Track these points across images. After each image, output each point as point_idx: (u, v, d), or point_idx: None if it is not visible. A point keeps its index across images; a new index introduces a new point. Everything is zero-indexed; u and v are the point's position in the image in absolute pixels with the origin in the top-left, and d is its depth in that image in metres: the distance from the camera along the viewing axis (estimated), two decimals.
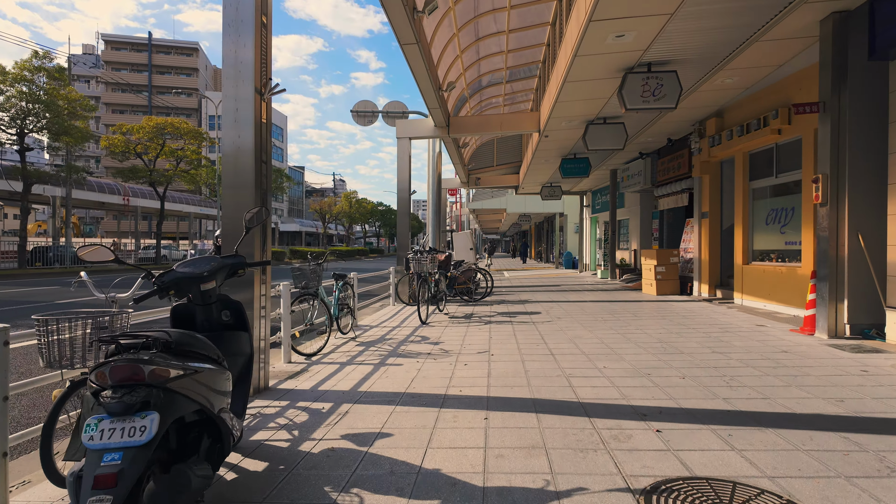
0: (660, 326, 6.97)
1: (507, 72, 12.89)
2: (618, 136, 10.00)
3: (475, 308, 9.63)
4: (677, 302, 9.86)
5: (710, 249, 10.31)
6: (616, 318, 7.90)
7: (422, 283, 8.04)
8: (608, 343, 5.82)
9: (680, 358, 4.99)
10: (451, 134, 11.15)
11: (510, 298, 11.26)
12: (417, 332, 7.01)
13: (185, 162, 28.49)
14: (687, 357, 5.03)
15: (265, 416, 3.51)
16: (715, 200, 10.29)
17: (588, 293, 12.10)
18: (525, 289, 13.78)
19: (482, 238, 77.71)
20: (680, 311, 8.62)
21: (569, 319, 7.82)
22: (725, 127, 9.54)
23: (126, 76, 75.45)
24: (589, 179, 19.11)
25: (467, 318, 8.35)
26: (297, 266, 5.72)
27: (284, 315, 5.27)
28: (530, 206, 29.11)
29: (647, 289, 11.59)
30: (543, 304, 10.04)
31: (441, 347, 5.80)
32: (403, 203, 11.13)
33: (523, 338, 6.25)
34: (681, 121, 10.26)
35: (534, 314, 8.54)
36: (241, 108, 4.05)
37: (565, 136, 11.16)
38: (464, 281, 10.70)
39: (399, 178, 11.17)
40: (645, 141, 12.11)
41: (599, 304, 9.69)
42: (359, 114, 17.36)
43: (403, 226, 11.23)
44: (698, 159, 10.36)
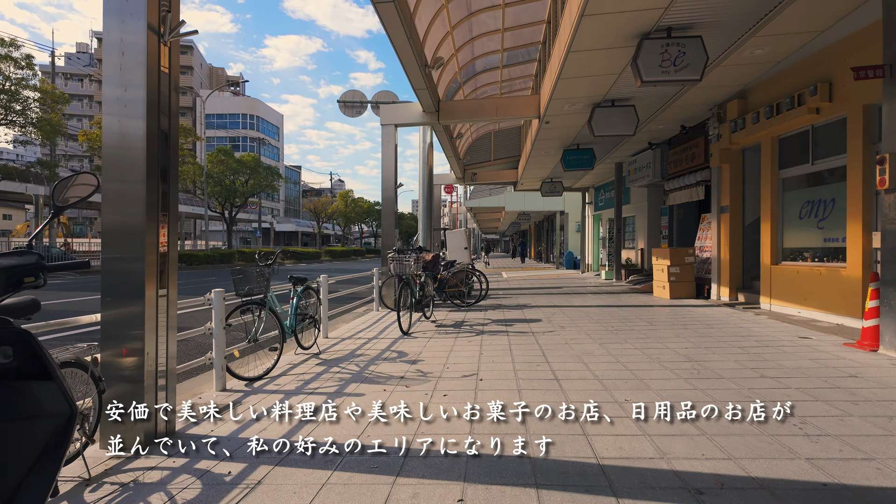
0: (683, 339, 5.86)
1: (504, 55, 11.79)
2: (628, 120, 8.89)
3: (467, 314, 8.52)
4: (695, 307, 8.75)
5: (730, 248, 9.20)
6: (629, 327, 6.79)
7: (403, 288, 6.93)
8: (625, 362, 4.71)
9: (721, 385, 3.88)
10: (441, 121, 10.04)
11: (507, 303, 10.15)
12: (396, 345, 5.90)
13: None
14: (729, 384, 3.92)
15: (135, 491, 2.39)
16: (736, 193, 9.18)
17: (593, 296, 10.99)
18: (524, 291, 12.68)
19: (480, 238, 76.68)
20: (701, 318, 7.51)
21: (574, 329, 6.71)
22: (750, 109, 8.43)
23: None
24: (592, 175, 18.00)
25: (457, 326, 7.24)
26: (239, 269, 4.61)
27: (216, 330, 4.16)
28: (530, 203, 28.02)
29: (658, 291, 10.49)
30: (544, 309, 8.93)
31: (419, 367, 4.69)
32: (389, 198, 10.03)
33: (521, 354, 5.14)
34: (698, 104, 9.15)
35: (533, 322, 7.43)
36: (128, 54, 2.94)
37: (568, 122, 10.06)
38: (455, 284, 9.59)
39: (384, 170, 10.07)
40: (655, 129, 11.01)
41: (607, 310, 8.58)
42: (346, 104, 16.29)
43: (389, 223, 10.11)
44: (717, 147, 9.25)
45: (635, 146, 12.84)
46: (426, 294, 7.76)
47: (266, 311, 4.71)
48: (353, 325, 7.83)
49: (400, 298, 6.68)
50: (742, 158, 9.17)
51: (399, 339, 6.37)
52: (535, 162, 14.61)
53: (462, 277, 9.61)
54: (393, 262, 6.99)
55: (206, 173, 29.75)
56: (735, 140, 8.75)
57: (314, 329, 5.73)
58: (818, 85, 6.69)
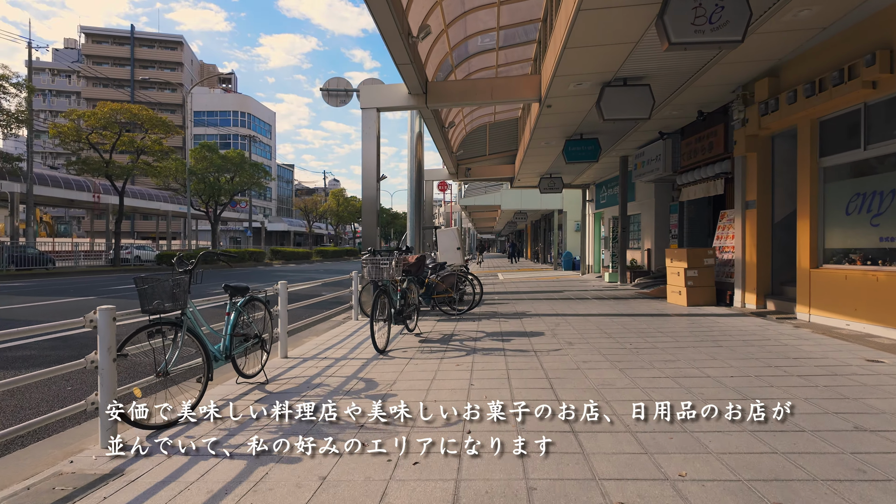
0: (722, 362, 4.72)
1: (501, 35, 10.64)
2: (642, 102, 7.76)
3: (458, 325, 7.36)
4: (720, 317, 7.63)
5: (758, 248, 8.08)
6: (650, 344, 5.64)
7: (379, 296, 5.76)
8: (661, 402, 3.57)
9: (811, 446, 2.74)
10: (429, 104, 8.87)
11: (504, 310, 9.00)
12: (367, 370, 4.74)
13: (148, 153, 25.90)
14: (822, 443, 2.77)
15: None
16: (765, 185, 8.06)
17: (599, 302, 9.85)
18: (522, 296, 11.53)
19: (476, 238, 75.64)
20: (732, 331, 6.37)
21: (584, 346, 5.56)
22: (783, 88, 7.31)
23: (107, 70, 72.85)
24: (594, 170, 16.89)
25: (444, 342, 6.09)
26: (145, 277, 3.43)
27: (103, 364, 2.99)
28: (527, 202, 26.89)
29: (673, 297, 9.36)
30: (546, 318, 7.79)
31: (387, 408, 3.53)
32: (370, 194, 8.84)
33: (522, 385, 3.98)
34: (720, 84, 8.03)
35: (535, 336, 6.28)
36: None
37: (573, 105, 8.91)
38: (445, 289, 8.43)
39: (364, 161, 8.89)
40: (669, 116, 9.88)
41: (619, 320, 7.44)
42: (330, 93, 15.11)
43: (370, 221, 8.92)
44: (742, 134, 8.12)
45: (643, 136, 11.72)
46: (409, 303, 6.60)
47: (184, 332, 3.53)
48: (324, 338, 6.68)
49: (375, 310, 5.51)
50: (771, 146, 8.05)
51: (373, 360, 5.21)
52: (533, 154, 13.46)
53: (453, 282, 8.45)
54: (367, 266, 5.82)
55: (189, 170, 28.38)
56: (765, 125, 7.63)
57: (261, 352, 4.56)
58: (877, 52, 5.57)
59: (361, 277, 8.13)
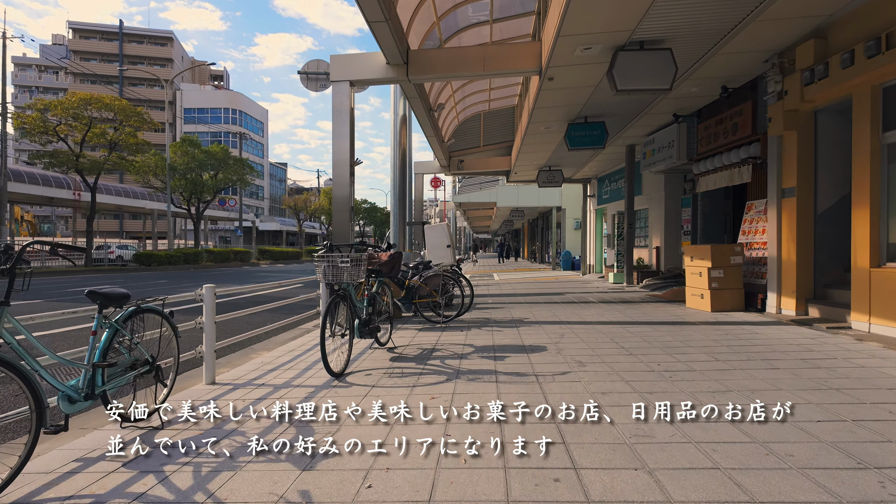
0: (790, 393, 3.47)
1: (495, 4, 9.37)
2: (662, 69, 6.51)
3: (442, 336, 6.10)
4: (755, 326, 6.39)
5: (797, 244, 6.84)
6: (685, 364, 4.39)
7: (336, 304, 4.48)
8: (723, 461, 2.31)
9: None
10: (412, 76, 7.60)
11: (498, 316, 7.74)
12: (307, 405, 3.46)
13: (123, 147, 24.43)
14: None
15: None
16: (806, 170, 6.83)
17: (607, 307, 8.60)
18: (518, 298, 10.28)
19: (472, 237, 74.39)
20: (779, 346, 5.13)
21: (599, 368, 4.30)
22: (835, 50, 6.08)
23: (95, 66, 71.32)
24: (595, 163, 15.67)
25: (422, 360, 4.82)
26: None
27: None
28: (524, 198, 25.67)
29: (694, 301, 8.11)
30: (547, 327, 6.53)
31: (314, 489, 2.27)
32: (341, 179, 7.55)
33: (520, 446, 2.71)
34: (753, 49, 6.79)
35: (535, 351, 5.02)
36: None
37: (578, 77, 7.66)
38: (429, 292, 7.17)
39: (335, 146, 7.60)
40: (687, 93, 8.64)
41: (636, 330, 6.19)
42: (309, 76, 13.84)
43: (342, 218, 7.60)
44: (779, 109, 6.88)
45: (655, 120, 10.48)
46: (379, 311, 5.33)
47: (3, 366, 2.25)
48: (277, 353, 5.42)
49: (326, 322, 4.22)
50: (814, 123, 6.81)
51: (323, 387, 3.95)
52: (532, 142, 12.21)
53: (438, 284, 7.18)
54: (322, 265, 4.54)
55: (170, 165, 26.96)
56: (808, 96, 6.39)
57: (159, 386, 3.29)
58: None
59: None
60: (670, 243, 12.60)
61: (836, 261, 6.76)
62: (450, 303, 8.81)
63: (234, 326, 7.41)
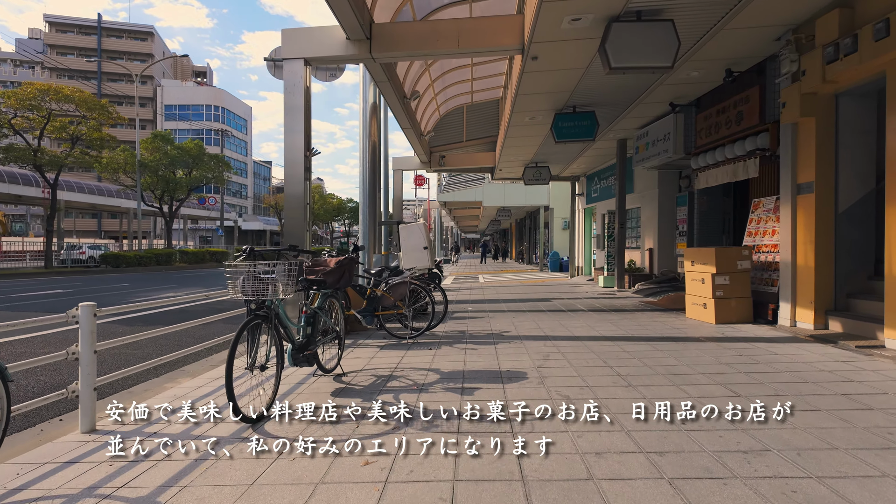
0: (852, 455, 2.55)
1: None
2: (663, 44, 5.59)
3: (406, 356, 5.12)
4: (771, 343, 5.50)
5: (816, 247, 5.97)
6: (698, 401, 3.45)
7: (254, 329, 3.47)
8: None
9: None
10: (375, 53, 6.60)
11: (475, 329, 6.79)
12: (185, 480, 2.46)
13: (87, 141, 23.02)
14: None
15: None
16: (826, 162, 5.95)
17: (598, 317, 7.69)
18: (501, 305, 9.34)
19: (460, 238, 73.42)
20: (807, 373, 4.23)
21: (593, 404, 3.35)
22: (863, 21, 5.20)
23: (72, 61, 69.20)
24: (584, 159, 14.80)
25: (370, 395, 3.84)
26: None
27: None
28: (511, 197, 24.77)
29: (695, 312, 7.22)
30: (530, 344, 5.58)
31: None
32: (294, 169, 6.51)
33: None
34: (765, 24, 5.90)
35: (513, 381, 4.07)
36: None
37: (566, 57, 6.73)
38: (393, 303, 6.19)
39: (287, 133, 6.58)
40: (686, 80, 7.75)
41: (632, 349, 5.26)
42: (276, 63, 12.81)
43: (295, 215, 6.56)
44: (795, 93, 6.01)
45: (649, 111, 9.60)
46: (325, 329, 4.34)
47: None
48: (200, 380, 4.45)
49: (235, 352, 3.20)
50: (835, 109, 5.94)
51: (226, 443, 2.95)
52: (517, 135, 11.27)
53: (404, 293, 6.20)
54: (239, 278, 3.53)
55: (140, 162, 25.61)
56: (831, 76, 5.51)
57: None
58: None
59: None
60: (664, 245, 11.75)
61: (860, 266, 5.90)
62: (424, 312, 7.86)
63: (170, 343, 6.41)
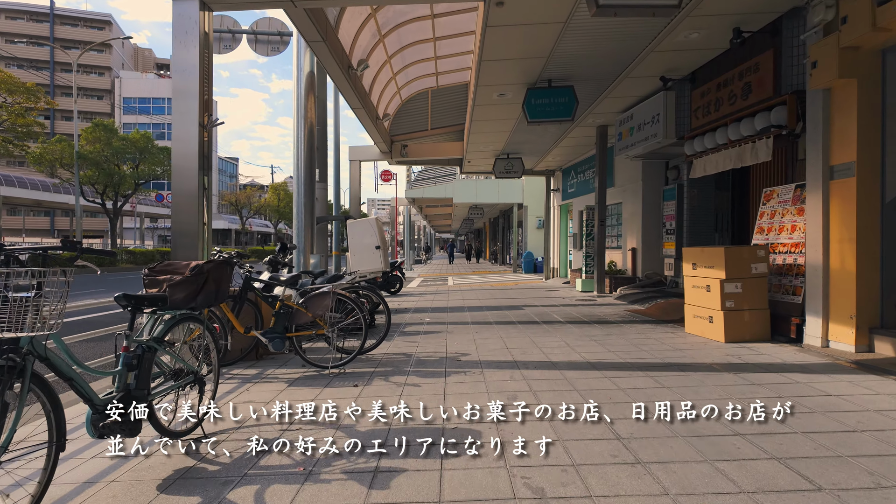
0: None
1: None
2: None
3: (318, 397, 3.55)
4: (806, 373, 4.16)
5: (856, 246, 4.68)
6: (773, 482, 2.04)
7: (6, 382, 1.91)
8: None
9: None
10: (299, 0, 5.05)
11: (426, 349, 5.30)
12: None
13: (8, 130, 20.68)
14: None
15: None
16: (870, 138, 4.66)
17: (577, 331, 6.29)
18: (465, 315, 7.88)
19: (434, 238, 71.94)
20: (880, 431, 2.88)
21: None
22: None
23: (22, 50, 65.12)
24: (559, 150, 13.49)
25: (224, 486, 2.30)
26: None
27: None
28: (483, 194, 23.39)
29: (697, 327, 5.88)
30: (493, 375, 4.11)
31: None
32: (183, 147, 4.93)
33: None
34: None
35: (457, 453, 2.58)
36: None
37: (540, 5, 5.30)
38: (312, 319, 4.66)
39: (176, 93, 5.00)
40: (682, 45, 6.42)
41: (629, 386, 3.85)
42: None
43: (185, 210, 4.95)
44: (829, 49, 4.70)
45: (636, 88, 8.28)
46: (177, 371, 2.80)
47: None
48: None
49: None
50: (881, 68, 4.66)
51: None
52: (485, 118, 9.83)
53: (327, 307, 4.66)
54: None
55: (79, 154, 23.31)
56: (884, 22, 4.21)
57: None
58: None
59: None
60: (649, 244, 10.50)
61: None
62: (372, 324, 6.48)
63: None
